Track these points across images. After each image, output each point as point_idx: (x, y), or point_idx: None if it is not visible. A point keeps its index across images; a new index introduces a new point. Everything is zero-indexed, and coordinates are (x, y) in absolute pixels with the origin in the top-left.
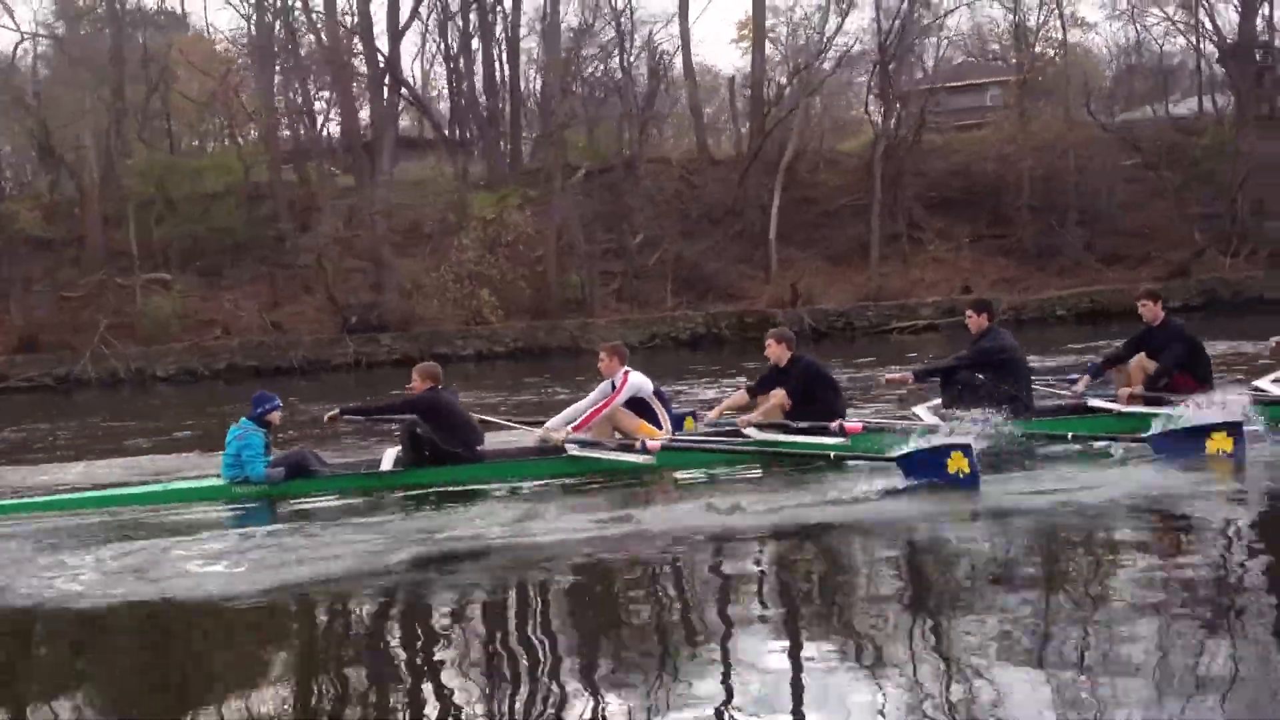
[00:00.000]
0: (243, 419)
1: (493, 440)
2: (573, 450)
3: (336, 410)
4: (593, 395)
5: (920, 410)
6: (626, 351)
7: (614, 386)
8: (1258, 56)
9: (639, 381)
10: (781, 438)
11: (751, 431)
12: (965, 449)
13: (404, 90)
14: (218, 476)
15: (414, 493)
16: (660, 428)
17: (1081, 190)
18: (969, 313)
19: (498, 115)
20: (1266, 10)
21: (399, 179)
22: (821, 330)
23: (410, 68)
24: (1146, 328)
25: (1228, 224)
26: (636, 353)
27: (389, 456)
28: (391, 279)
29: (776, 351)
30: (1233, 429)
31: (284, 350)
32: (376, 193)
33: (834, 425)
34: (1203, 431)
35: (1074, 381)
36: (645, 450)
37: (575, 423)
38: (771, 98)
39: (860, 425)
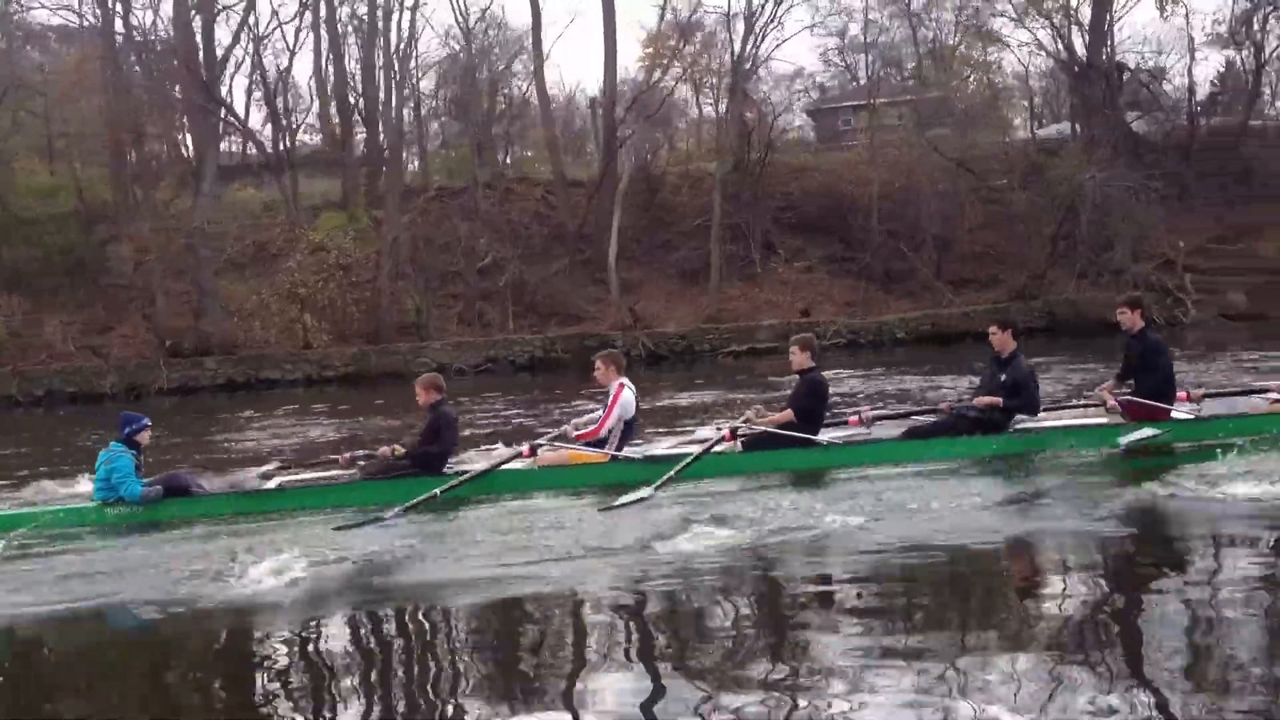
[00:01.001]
0: (112, 442)
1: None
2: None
3: (389, 449)
4: (598, 413)
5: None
6: (624, 361)
7: (613, 399)
8: (1105, 79)
9: (629, 400)
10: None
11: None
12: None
13: (225, 112)
14: (89, 499)
15: (307, 512)
16: (602, 448)
17: (934, 214)
18: (993, 329)
19: (349, 137)
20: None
21: (239, 201)
22: (660, 353)
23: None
24: (1128, 334)
25: (1075, 248)
26: (468, 377)
27: (275, 480)
28: (213, 303)
29: (801, 359)
30: None
31: (102, 375)
32: (197, 214)
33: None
34: None
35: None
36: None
37: (581, 434)
38: (620, 119)
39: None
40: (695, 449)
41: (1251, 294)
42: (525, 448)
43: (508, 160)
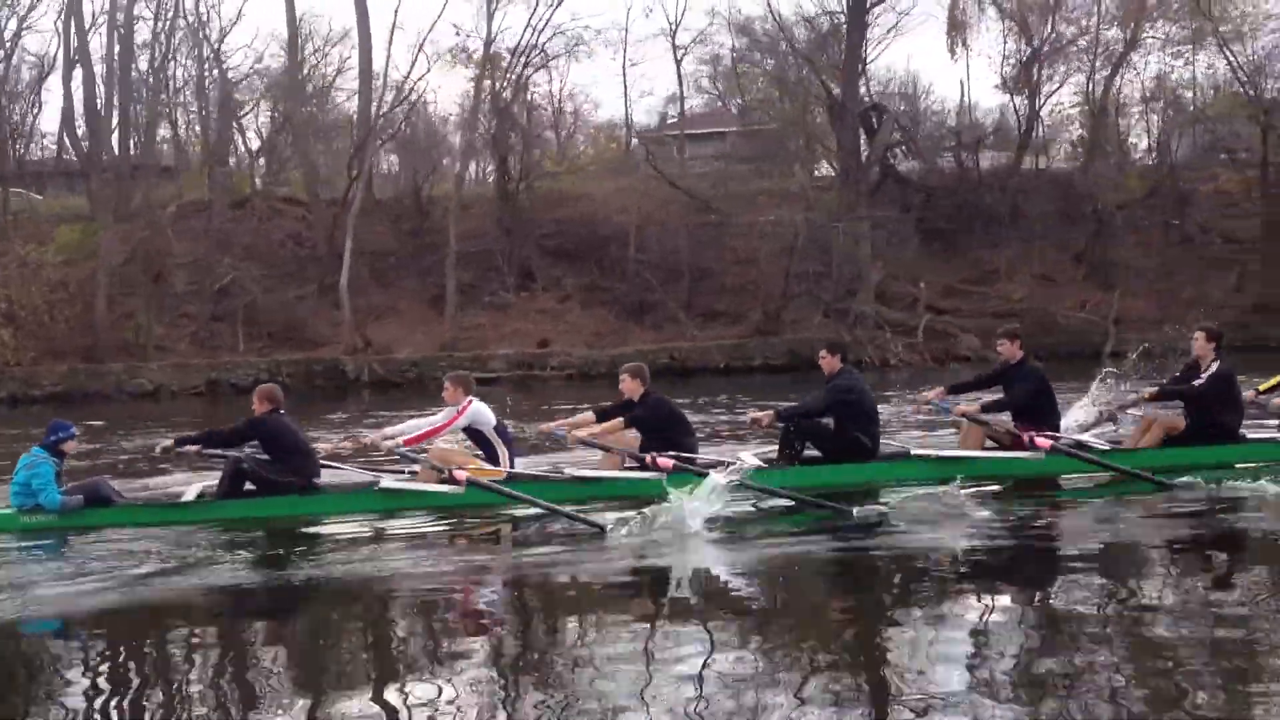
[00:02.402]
0: (34, 447)
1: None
2: (386, 482)
3: (171, 441)
4: (436, 417)
5: (745, 455)
6: (472, 382)
7: (457, 411)
8: (862, 118)
9: (479, 411)
10: (603, 474)
11: (571, 470)
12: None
13: None
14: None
15: (224, 525)
16: (497, 463)
17: (688, 248)
18: (823, 353)
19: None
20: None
21: None
22: (392, 380)
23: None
24: (1004, 364)
25: (816, 286)
26: (177, 397)
27: (193, 490)
28: None
29: (630, 386)
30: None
31: None
32: None
33: (648, 458)
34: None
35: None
36: (453, 480)
37: (408, 436)
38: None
39: (671, 462)
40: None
41: (986, 336)
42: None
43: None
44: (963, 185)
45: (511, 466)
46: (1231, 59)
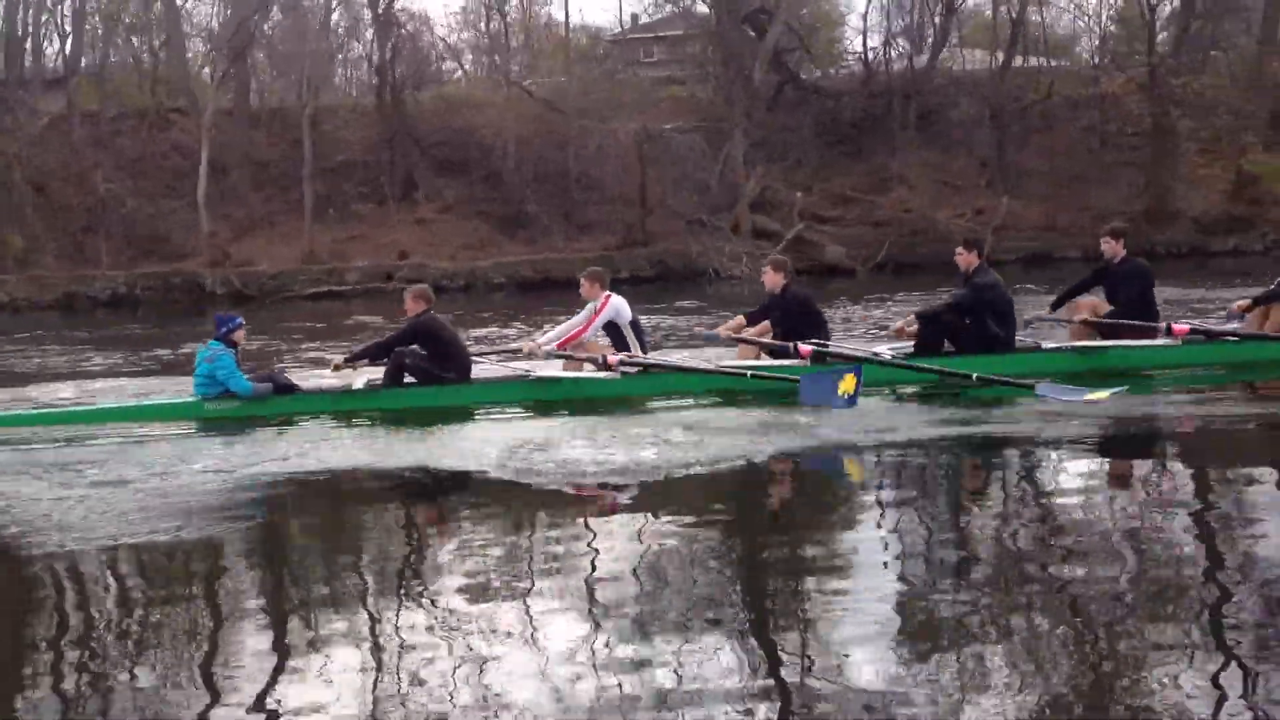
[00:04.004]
0: (210, 340)
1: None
2: (540, 371)
3: (341, 359)
4: (576, 318)
5: (880, 349)
6: (607, 276)
7: (595, 310)
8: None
9: (618, 305)
10: (743, 363)
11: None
12: (857, 371)
13: None
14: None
15: (399, 412)
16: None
17: (577, 156)
18: (959, 250)
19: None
20: None
21: None
22: (248, 293)
23: None
24: (1105, 263)
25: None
26: (28, 311)
27: (360, 380)
28: None
29: (771, 279)
30: (857, 372)
31: None
32: None
33: (791, 347)
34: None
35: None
36: (606, 366)
37: (558, 340)
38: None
39: (810, 348)
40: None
41: (858, 246)
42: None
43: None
44: (867, 90)
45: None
46: None
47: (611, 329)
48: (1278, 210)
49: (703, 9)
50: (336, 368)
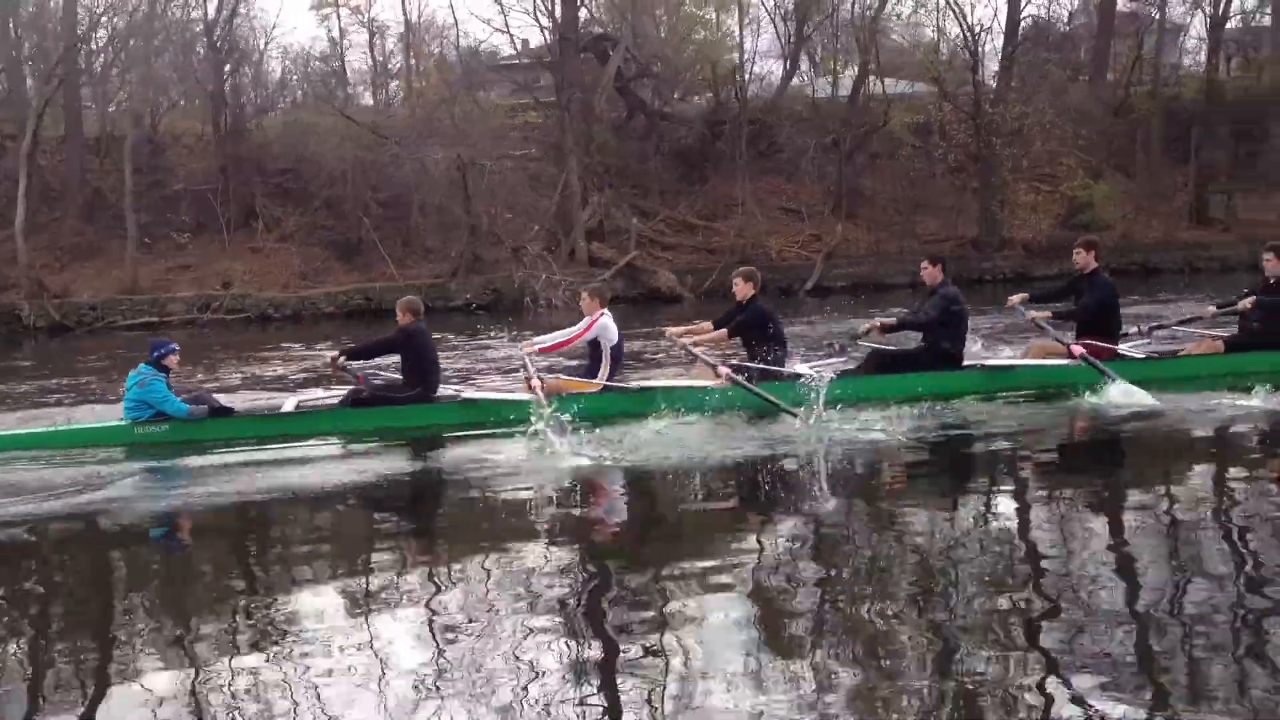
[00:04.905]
0: (141, 365)
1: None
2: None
3: (337, 353)
4: (571, 328)
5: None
6: (608, 294)
7: (588, 323)
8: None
9: (608, 324)
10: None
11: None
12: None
13: None
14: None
15: (331, 435)
16: (594, 377)
17: (417, 185)
18: (925, 264)
19: None
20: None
21: None
22: (67, 324)
23: None
24: (1078, 273)
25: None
26: None
27: (290, 402)
28: None
29: (741, 289)
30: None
31: None
32: None
33: (718, 369)
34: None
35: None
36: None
37: (544, 345)
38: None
39: (726, 372)
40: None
41: (690, 275)
42: (535, 382)
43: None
44: (714, 118)
45: (609, 380)
46: None
47: (593, 346)
48: (1105, 235)
49: (538, 39)
50: (333, 361)
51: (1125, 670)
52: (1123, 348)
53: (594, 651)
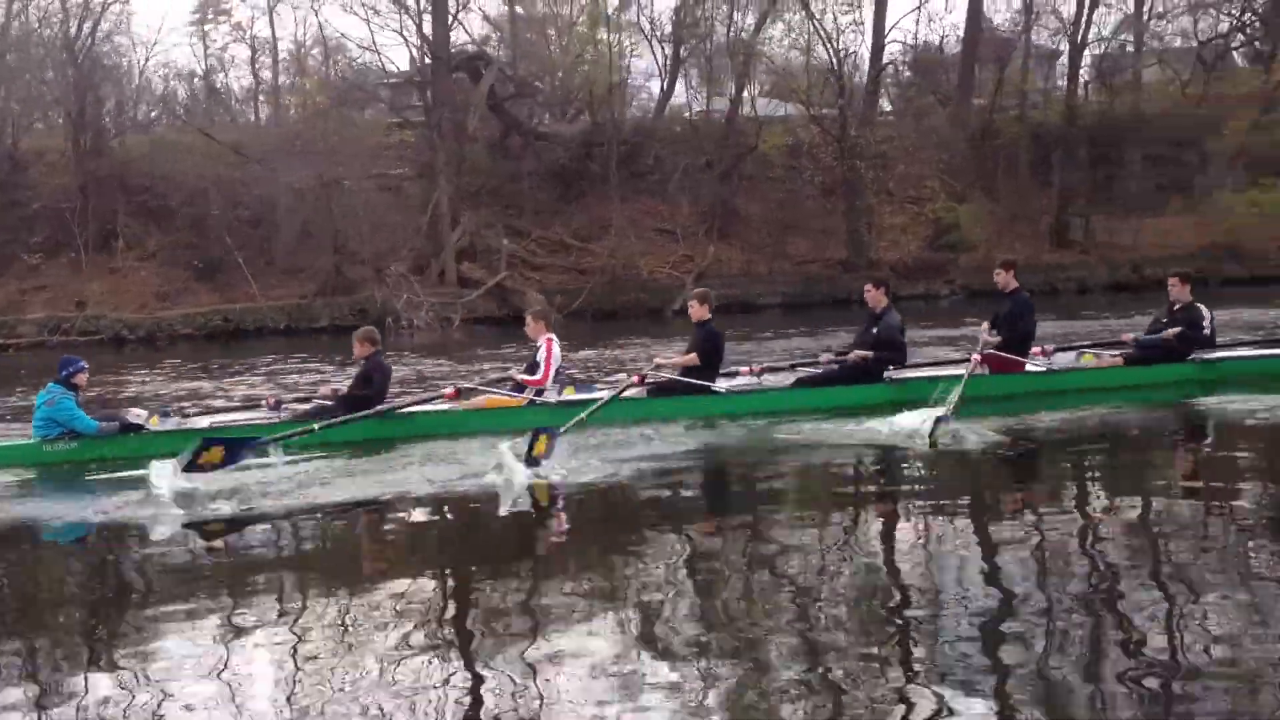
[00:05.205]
0: (50, 383)
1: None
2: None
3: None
4: (539, 366)
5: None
6: (552, 316)
7: (545, 357)
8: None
9: (557, 351)
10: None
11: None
12: (551, 434)
13: None
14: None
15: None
16: (520, 392)
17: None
18: (868, 288)
19: None
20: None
21: None
22: None
23: None
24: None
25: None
26: None
27: (203, 419)
28: None
29: (696, 311)
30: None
31: None
32: None
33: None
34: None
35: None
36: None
37: (528, 380)
38: None
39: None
40: (606, 394)
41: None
42: (450, 390)
43: None
44: (591, 139)
45: (536, 398)
46: None
47: (530, 367)
48: (969, 257)
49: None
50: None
51: (980, 678)
52: (1029, 365)
53: (449, 671)
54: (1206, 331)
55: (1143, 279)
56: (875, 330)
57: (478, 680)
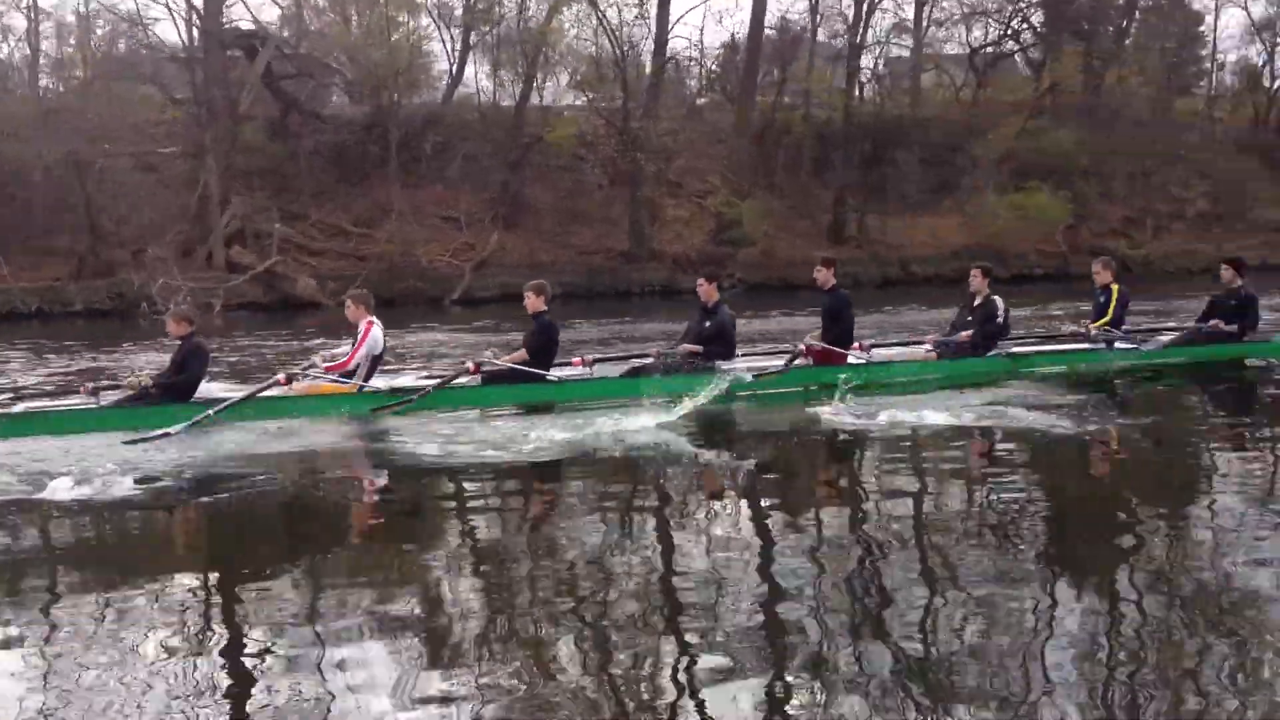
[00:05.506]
0: None
1: None
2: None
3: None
4: (346, 346)
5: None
6: (371, 300)
7: (360, 338)
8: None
9: (378, 336)
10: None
11: None
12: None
13: None
14: None
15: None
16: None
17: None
18: (700, 282)
19: None
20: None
21: None
22: None
23: None
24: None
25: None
26: None
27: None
28: None
29: (532, 303)
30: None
31: None
32: None
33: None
34: None
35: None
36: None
37: (330, 366)
38: None
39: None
40: (433, 382)
41: (334, 283)
42: (282, 376)
43: None
44: (376, 122)
45: (365, 382)
46: None
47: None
48: (749, 252)
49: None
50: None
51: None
52: (850, 357)
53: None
54: (1000, 321)
55: (910, 276)
56: (707, 324)
57: (246, 682)
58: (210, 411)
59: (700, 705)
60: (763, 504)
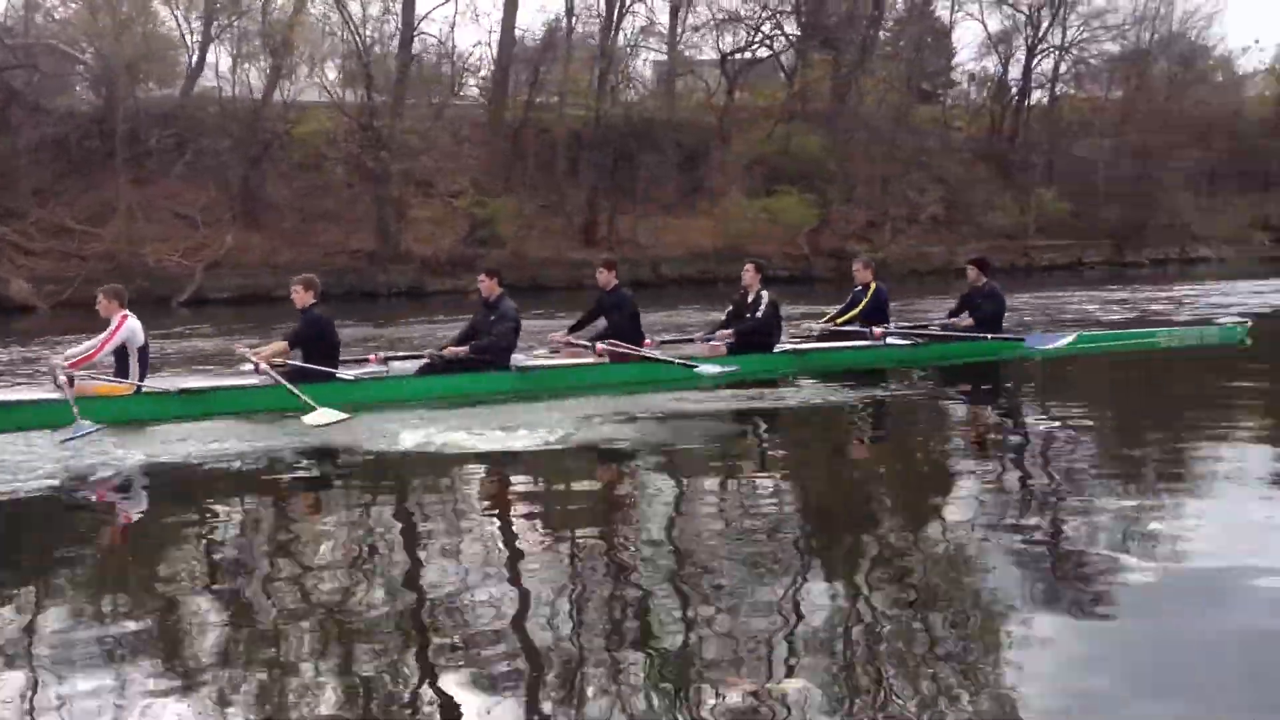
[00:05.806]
0: None
1: None
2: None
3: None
4: (95, 339)
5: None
6: (125, 294)
7: (111, 331)
8: None
9: (135, 327)
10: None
11: None
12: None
13: None
14: None
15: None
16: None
17: None
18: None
19: None
20: None
21: None
22: None
23: None
24: (601, 292)
25: None
26: None
27: None
28: None
29: (299, 297)
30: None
31: None
32: None
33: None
34: None
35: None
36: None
37: (75, 359)
38: None
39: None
40: (226, 381)
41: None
42: (62, 378)
43: None
44: (105, 113)
45: (141, 381)
46: None
47: (119, 352)
48: (500, 253)
49: None
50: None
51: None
52: (646, 351)
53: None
54: (758, 316)
55: (660, 277)
56: (493, 319)
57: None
58: None
59: None
60: (532, 510)
